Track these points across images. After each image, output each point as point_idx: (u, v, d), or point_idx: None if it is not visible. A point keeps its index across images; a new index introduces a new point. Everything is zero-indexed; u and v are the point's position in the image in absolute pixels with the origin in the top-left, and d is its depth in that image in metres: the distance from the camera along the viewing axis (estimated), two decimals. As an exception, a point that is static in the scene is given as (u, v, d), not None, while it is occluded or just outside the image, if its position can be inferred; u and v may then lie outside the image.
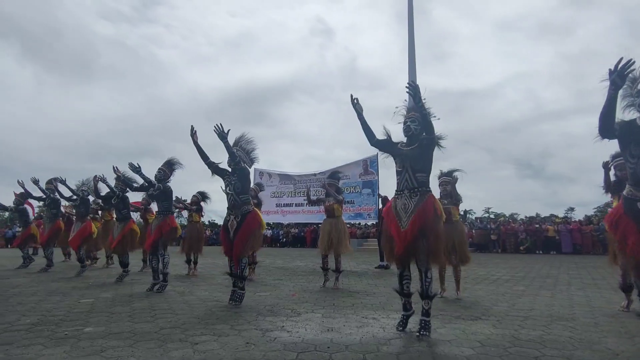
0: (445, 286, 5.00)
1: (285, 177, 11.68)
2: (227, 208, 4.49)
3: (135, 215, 7.54)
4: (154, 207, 6.19)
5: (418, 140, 3.23)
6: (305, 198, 6.28)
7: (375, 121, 3.51)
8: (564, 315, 3.87)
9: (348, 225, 7.78)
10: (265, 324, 3.46)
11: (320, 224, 6.25)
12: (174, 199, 6.10)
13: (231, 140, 4.56)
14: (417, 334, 3.02)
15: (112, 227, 7.36)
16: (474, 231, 18.13)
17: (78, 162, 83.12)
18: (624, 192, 2.98)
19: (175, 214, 7.80)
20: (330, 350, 2.69)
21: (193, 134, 4.61)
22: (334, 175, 6.43)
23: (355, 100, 3.43)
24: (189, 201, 7.91)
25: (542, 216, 18.90)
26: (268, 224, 22.62)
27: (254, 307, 4.23)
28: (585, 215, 19.59)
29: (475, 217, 24.86)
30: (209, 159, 4.63)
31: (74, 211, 8.12)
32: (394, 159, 3.34)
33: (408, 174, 3.17)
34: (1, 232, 22.91)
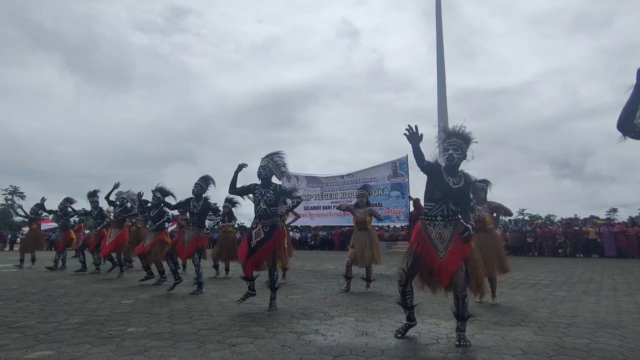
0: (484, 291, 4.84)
1: (312, 180, 11.72)
2: (256, 217, 4.51)
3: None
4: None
5: (459, 174, 3.19)
6: (337, 207, 6.26)
7: (402, 123, 3.46)
8: (612, 323, 3.67)
9: (376, 228, 7.72)
10: (299, 327, 3.48)
11: (348, 226, 6.23)
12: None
13: (264, 152, 4.62)
14: (457, 343, 2.93)
15: (143, 235, 7.84)
16: (508, 234, 17.53)
17: (114, 168, 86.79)
18: None
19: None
20: (366, 355, 2.67)
21: (242, 166, 4.66)
22: (366, 187, 6.40)
23: (414, 129, 3.17)
24: (220, 211, 8.10)
25: (582, 218, 18.03)
26: (296, 227, 22.83)
27: (287, 310, 4.27)
28: (630, 216, 18.52)
29: (509, 219, 24.02)
30: (236, 188, 4.64)
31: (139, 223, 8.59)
32: (434, 185, 3.22)
33: (446, 205, 3.13)
34: (46, 235, 24.22)
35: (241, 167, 4.62)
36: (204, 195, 5.78)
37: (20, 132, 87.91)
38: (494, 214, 4.96)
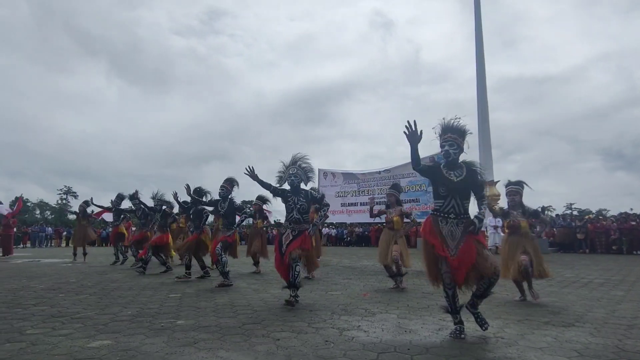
0: (524, 295, 4.64)
1: (349, 177, 11.68)
2: (287, 221, 4.56)
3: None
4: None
5: (459, 165, 3.19)
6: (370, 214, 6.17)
7: (439, 116, 3.35)
8: (679, 325, 3.39)
9: (412, 224, 7.54)
10: (341, 323, 3.49)
11: (384, 223, 6.13)
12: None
13: (287, 158, 4.64)
14: (483, 328, 3.01)
15: (183, 233, 8.36)
16: (555, 230, 16.63)
17: (157, 167, 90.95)
18: None
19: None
20: (410, 352, 2.64)
21: (252, 174, 4.63)
22: (395, 187, 6.29)
23: (413, 127, 3.09)
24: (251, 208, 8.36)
25: (639, 212, 16.72)
26: (332, 224, 22.87)
27: (328, 305, 4.30)
28: (696, 210, 16.98)
29: (556, 214, 22.75)
30: (271, 186, 4.67)
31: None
32: (437, 183, 3.21)
33: (455, 201, 3.12)
34: (98, 232, 25.82)
35: (253, 174, 4.62)
36: (229, 197, 6.13)
37: (72, 135, 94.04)
38: (532, 220, 4.74)
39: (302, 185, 4.66)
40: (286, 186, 4.61)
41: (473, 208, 3.27)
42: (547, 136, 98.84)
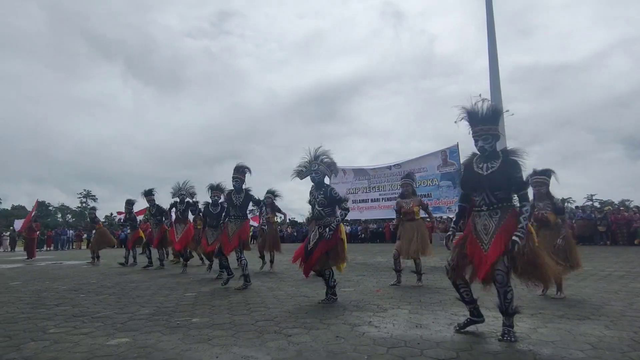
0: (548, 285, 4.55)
1: (359, 172, 11.64)
2: (312, 218, 4.59)
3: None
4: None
5: (496, 155, 2.95)
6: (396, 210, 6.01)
7: (453, 109, 3.19)
8: (700, 317, 3.31)
9: (427, 220, 7.46)
10: (353, 318, 3.52)
11: (400, 216, 5.98)
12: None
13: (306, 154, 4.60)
14: (500, 337, 2.79)
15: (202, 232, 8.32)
16: (574, 222, 16.27)
17: (173, 170, 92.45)
18: None
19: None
20: (420, 347, 2.65)
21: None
22: (410, 175, 6.20)
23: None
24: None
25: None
26: (346, 221, 22.84)
27: (340, 302, 4.33)
28: None
29: (576, 206, 22.24)
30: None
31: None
32: (467, 180, 3.10)
33: (485, 192, 2.93)
34: (116, 233, 26.43)
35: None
36: (244, 187, 5.91)
37: (89, 139, 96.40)
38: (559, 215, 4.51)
39: (326, 180, 4.67)
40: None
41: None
42: (566, 126, 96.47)
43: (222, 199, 6.64)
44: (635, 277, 5.79)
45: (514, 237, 2.72)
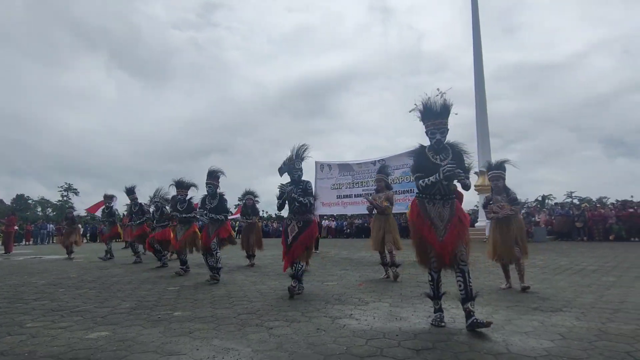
0: (510, 280, 4.71)
1: (344, 168, 11.67)
2: (291, 212, 4.63)
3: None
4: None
5: (445, 148, 3.18)
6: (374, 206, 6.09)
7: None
8: (664, 309, 3.47)
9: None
10: (334, 311, 3.57)
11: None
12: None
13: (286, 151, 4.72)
14: (472, 325, 2.88)
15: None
16: (554, 218, 16.71)
17: (158, 163, 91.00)
18: None
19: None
20: (398, 338, 2.72)
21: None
22: (383, 170, 6.25)
23: None
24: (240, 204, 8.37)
25: (639, 200, 16.77)
26: (332, 216, 22.93)
27: (323, 296, 4.38)
28: (693, 196, 17.01)
29: (556, 203, 22.83)
30: (282, 197, 4.65)
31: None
32: (423, 167, 3.20)
33: (441, 183, 3.08)
34: (99, 228, 25.96)
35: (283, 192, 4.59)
36: (218, 192, 6.01)
37: (72, 131, 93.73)
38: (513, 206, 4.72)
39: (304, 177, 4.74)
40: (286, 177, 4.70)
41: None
42: (549, 124, 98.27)
43: (189, 196, 6.75)
44: (608, 271, 6.01)
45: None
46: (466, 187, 3.11)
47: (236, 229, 18.29)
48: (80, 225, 11.65)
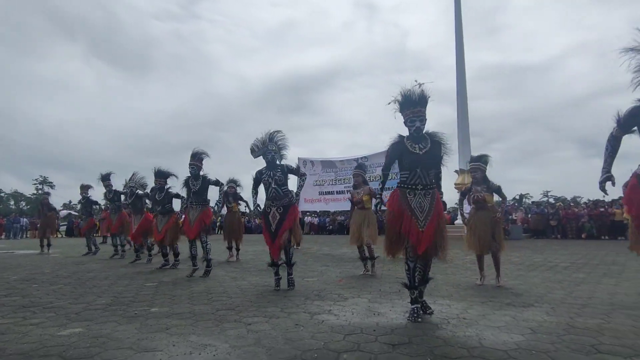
0: (484, 272, 4.84)
1: (327, 164, 11.70)
2: (268, 199, 4.64)
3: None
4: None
5: (424, 137, 3.24)
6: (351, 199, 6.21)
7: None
8: (628, 304, 3.63)
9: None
10: (313, 307, 3.60)
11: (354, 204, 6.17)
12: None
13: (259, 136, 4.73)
14: (428, 312, 3.17)
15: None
16: (530, 216, 17.20)
17: (138, 157, 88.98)
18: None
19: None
20: (376, 333, 2.76)
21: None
22: (360, 166, 6.37)
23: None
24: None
25: (610, 199, 17.41)
26: (315, 212, 22.93)
27: (302, 291, 4.40)
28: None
29: (532, 201, 23.49)
30: (255, 187, 4.76)
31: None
32: (402, 157, 3.26)
33: (421, 172, 3.17)
34: (75, 222, 25.26)
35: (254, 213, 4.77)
36: (202, 174, 5.92)
37: (48, 122, 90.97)
38: (494, 195, 4.89)
39: (277, 162, 4.73)
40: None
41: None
42: (528, 124, 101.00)
43: (168, 185, 6.72)
44: (579, 268, 6.24)
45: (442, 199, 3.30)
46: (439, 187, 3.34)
47: (217, 224, 18.01)
48: (56, 213, 11.17)
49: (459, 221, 16.28)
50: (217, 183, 6.02)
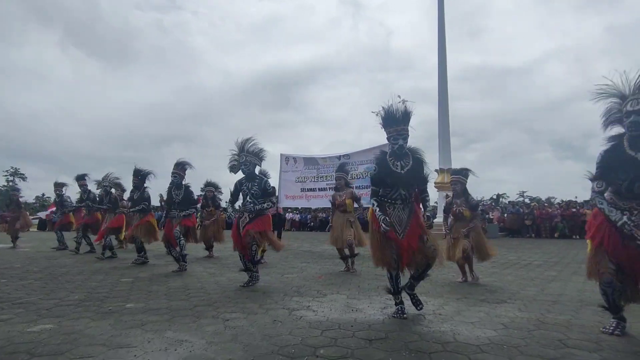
0: (466, 277, 4.95)
1: (309, 161, 11.66)
2: (243, 207, 4.61)
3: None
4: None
5: (406, 154, 3.26)
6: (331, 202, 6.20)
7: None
8: (596, 301, 3.75)
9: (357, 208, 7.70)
10: (292, 303, 3.60)
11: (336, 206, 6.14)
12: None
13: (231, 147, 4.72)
14: (418, 308, 3.24)
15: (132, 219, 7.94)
16: (506, 216, 17.65)
17: (116, 150, 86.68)
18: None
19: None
20: (353, 329, 2.78)
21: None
22: (342, 168, 6.32)
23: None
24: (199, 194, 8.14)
25: (582, 200, 18.06)
26: (296, 209, 22.89)
27: (281, 288, 4.39)
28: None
29: (508, 201, 24.14)
30: (235, 194, 4.76)
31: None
32: (383, 173, 3.27)
33: (402, 189, 3.22)
34: (48, 217, 24.44)
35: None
36: (184, 184, 5.95)
37: (21, 111, 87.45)
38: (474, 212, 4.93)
39: (257, 170, 4.70)
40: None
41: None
42: (508, 126, 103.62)
43: (146, 185, 6.76)
44: (551, 266, 6.45)
45: (427, 214, 3.32)
46: (426, 206, 3.38)
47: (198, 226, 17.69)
48: (25, 211, 10.83)
49: (437, 220, 16.60)
50: (194, 203, 6.17)
